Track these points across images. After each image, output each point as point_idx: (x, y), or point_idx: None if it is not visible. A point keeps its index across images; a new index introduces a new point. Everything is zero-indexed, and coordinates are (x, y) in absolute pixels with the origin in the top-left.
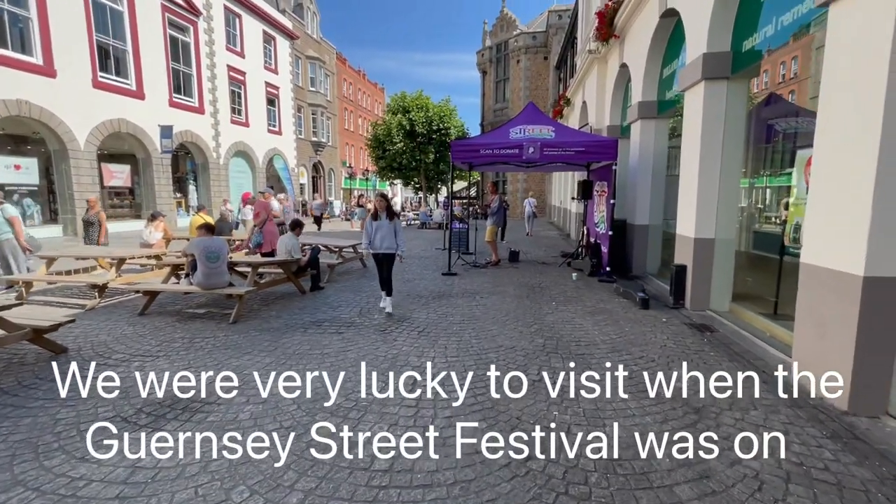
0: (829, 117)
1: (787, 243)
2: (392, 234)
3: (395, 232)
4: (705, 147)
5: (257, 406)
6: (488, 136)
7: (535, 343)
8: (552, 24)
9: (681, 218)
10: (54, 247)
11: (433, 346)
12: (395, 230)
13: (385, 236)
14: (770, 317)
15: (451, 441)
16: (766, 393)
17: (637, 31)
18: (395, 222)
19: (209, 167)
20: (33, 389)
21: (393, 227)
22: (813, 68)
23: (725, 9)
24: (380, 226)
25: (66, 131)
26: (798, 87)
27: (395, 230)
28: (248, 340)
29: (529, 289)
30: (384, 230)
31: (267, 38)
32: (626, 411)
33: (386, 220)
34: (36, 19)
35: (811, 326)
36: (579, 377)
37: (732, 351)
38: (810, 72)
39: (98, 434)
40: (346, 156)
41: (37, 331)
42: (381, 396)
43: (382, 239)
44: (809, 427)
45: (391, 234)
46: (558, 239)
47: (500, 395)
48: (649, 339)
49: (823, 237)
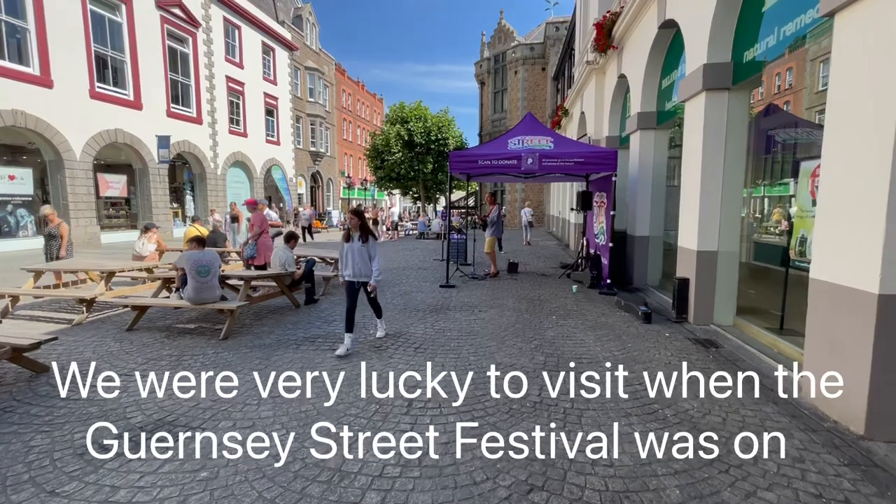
0: (839, 128)
1: (793, 256)
2: (365, 258)
3: (370, 256)
4: (707, 158)
5: (244, 431)
6: (486, 146)
7: (535, 360)
8: (550, 36)
9: (682, 230)
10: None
11: (429, 364)
12: (370, 254)
13: (357, 261)
14: (776, 332)
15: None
16: (777, 415)
17: (636, 42)
18: (370, 244)
19: (206, 177)
20: (9, 413)
21: (367, 251)
22: (817, 78)
23: (726, 19)
24: (351, 249)
25: (61, 141)
26: (797, 98)
27: (370, 254)
28: (238, 358)
29: (529, 302)
30: (356, 254)
31: (266, 50)
32: (631, 436)
33: (358, 242)
34: (34, 30)
35: (823, 345)
36: (579, 397)
37: (739, 368)
38: (816, 82)
39: (72, 463)
40: (345, 166)
41: (17, 350)
42: (376, 420)
43: (354, 264)
44: (825, 454)
45: (364, 259)
46: (557, 249)
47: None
48: (653, 356)
49: (834, 252)
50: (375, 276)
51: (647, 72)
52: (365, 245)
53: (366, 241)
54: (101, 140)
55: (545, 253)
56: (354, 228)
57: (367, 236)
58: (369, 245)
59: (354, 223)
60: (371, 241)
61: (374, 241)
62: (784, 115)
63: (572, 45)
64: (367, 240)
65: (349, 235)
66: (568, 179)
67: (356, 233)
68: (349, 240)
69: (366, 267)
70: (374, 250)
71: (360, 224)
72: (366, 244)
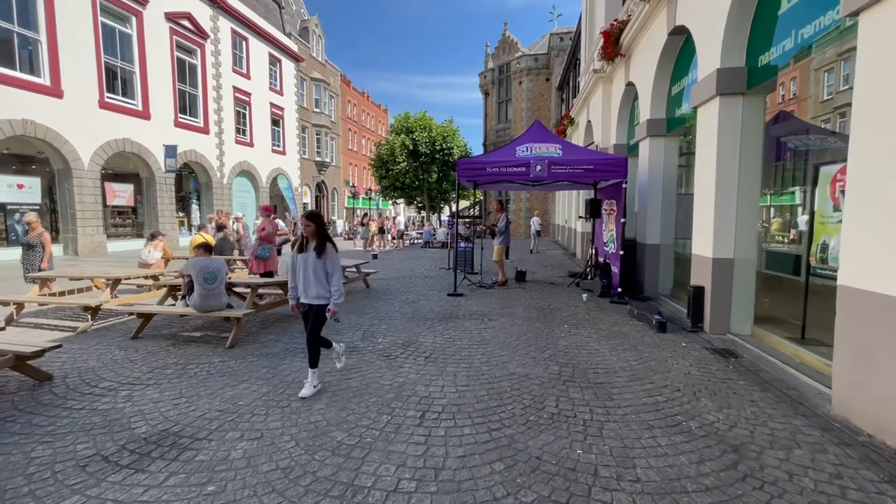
0: (866, 129)
1: (814, 264)
2: (321, 274)
3: (328, 272)
4: (721, 164)
5: (252, 443)
6: (495, 154)
7: (549, 370)
8: (554, 47)
9: (697, 237)
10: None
11: (441, 373)
12: (328, 269)
13: (311, 279)
14: (797, 341)
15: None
16: (807, 428)
17: (644, 50)
18: (327, 256)
19: (212, 186)
20: (10, 423)
21: (323, 266)
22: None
23: (739, 23)
24: (304, 262)
25: (70, 151)
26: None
27: (328, 269)
28: (244, 367)
29: (539, 311)
30: (310, 269)
31: (273, 61)
32: (656, 449)
33: (313, 254)
34: (45, 41)
35: (853, 355)
36: (598, 408)
37: (762, 379)
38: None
39: (74, 475)
40: (350, 175)
41: (20, 357)
42: (388, 431)
43: (307, 282)
44: (863, 469)
45: (320, 276)
46: (564, 258)
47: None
48: (671, 366)
49: (864, 257)
50: (335, 299)
51: (656, 79)
52: (322, 258)
53: (322, 252)
54: (110, 149)
55: (552, 262)
56: (310, 236)
57: (323, 246)
58: (327, 257)
59: (310, 230)
60: (329, 253)
61: (333, 251)
62: (796, 121)
63: (577, 54)
64: (325, 251)
65: (303, 245)
66: (575, 187)
67: (312, 242)
68: (302, 250)
69: (321, 286)
70: (334, 264)
71: (316, 231)
72: (322, 256)
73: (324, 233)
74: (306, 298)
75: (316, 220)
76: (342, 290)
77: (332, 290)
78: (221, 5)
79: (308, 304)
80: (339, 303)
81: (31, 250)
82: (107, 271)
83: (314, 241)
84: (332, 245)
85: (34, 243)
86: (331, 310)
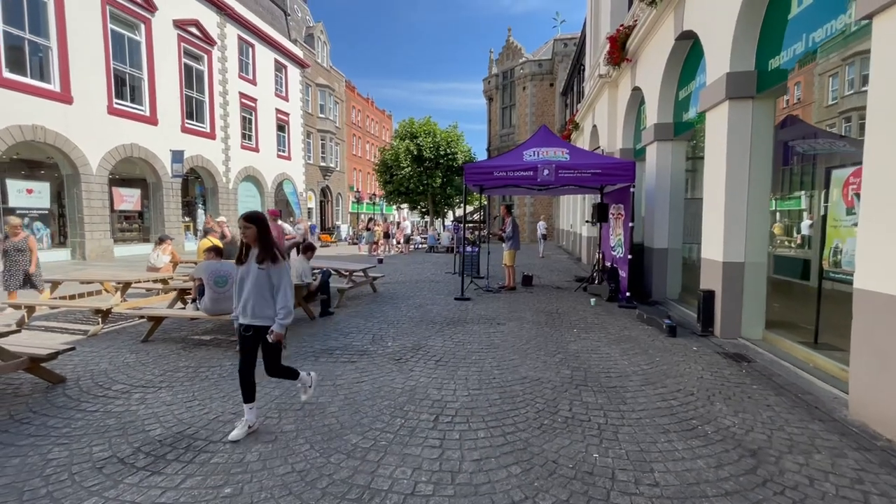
0: (883, 131)
1: (827, 267)
2: (264, 289)
3: (274, 286)
4: (731, 168)
5: (266, 445)
6: (501, 158)
7: (561, 374)
8: (558, 52)
9: (707, 241)
10: (63, 271)
11: (453, 377)
12: (274, 282)
13: (252, 295)
14: (810, 346)
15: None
16: (825, 433)
17: (651, 55)
18: (272, 268)
19: (218, 191)
20: (26, 425)
21: (267, 278)
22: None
23: (748, 27)
24: (246, 275)
25: (79, 156)
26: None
27: (274, 282)
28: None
29: (548, 315)
30: (252, 283)
31: (278, 67)
32: (673, 453)
33: (254, 265)
34: (55, 48)
35: (870, 359)
36: (612, 412)
37: (776, 383)
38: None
39: (91, 477)
40: (354, 180)
41: (34, 359)
42: (402, 434)
43: (247, 299)
44: (885, 474)
45: (262, 291)
46: (569, 262)
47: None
48: (683, 371)
49: (882, 260)
50: (280, 319)
51: (663, 83)
52: (265, 269)
53: (265, 261)
54: (118, 154)
55: (558, 266)
56: (251, 242)
57: (268, 255)
58: (274, 270)
59: (250, 234)
60: (279, 262)
61: (281, 261)
62: (804, 125)
63: (582, 60)
64: (273, 260)
65: (242, 255)
66: (581, 191)
67: (254, 249)
68: (242, 261)
69: (264, 303)
70: (282, 277)
71: (257, 236)
72: (266, 267)
73: (267, 239)
74: (245, 318)
75: (257, 222)
76: (290, 308)
77: (278, 308)
78: (229, 12)
79: (247, 326)
80: (284, 324)
81: (19, 254)
82: (117, 275)
83: (256, 248)
84: (278, 253)
85: (21, 247)
86: (273, 331)
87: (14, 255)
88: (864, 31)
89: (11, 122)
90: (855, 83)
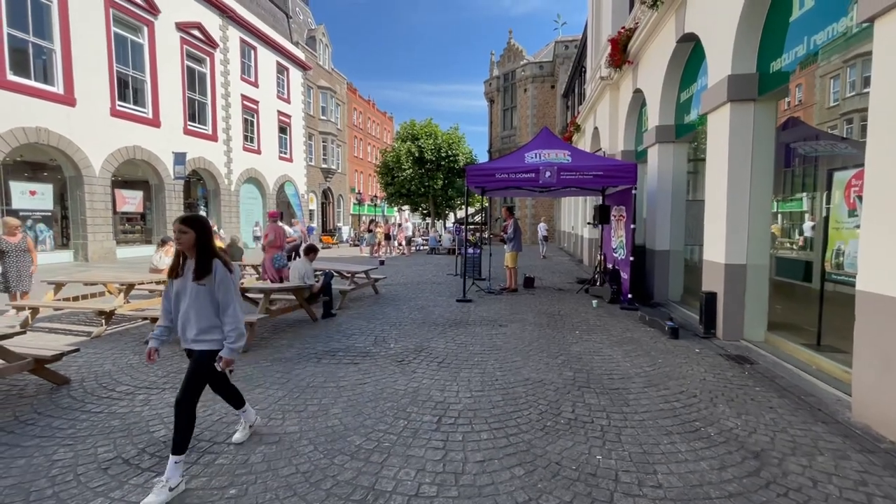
0: (886, 133)
1: (829, 269)
2: (208, 308)
3: (221, 302)
4: (733, 170)
5: (271, 447)
6: (503, 160)
7: (564, 376)
8: (559, 54)
9: (709, 243)
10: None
11: (455, 379)
12: (219, 298)
13: (191, 313)
14: (813, 348)
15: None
16: (828, 435)
17: (652, 57)
18: (215, 280)
19: (220, 193)
20: (31, 426)
21: (209, 295)
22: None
23: (750, 30)
24: (183, 291)
25: (82, 158)
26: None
27: (219, 298)
28: (259, 371)
29: (549, 317)
30: (190, 299)
31: (280, 69)
32: (676, 455)
33: (190, 281)
34: (59, 51)
35: (874, 361)
36: (615, 413)
37: (779, 385)
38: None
39: (97, 478)
40: (356, 182)
41: (39, 361)
42: (406, 436)
43: (186, 318)
44: (889, 476)
45: (203, 308)
46: (571, 264)
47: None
48: (686, 372)
49: (885, 262)
50: (231, 343)
51: (664, 86)
52: (205, 284)
53: (205, 273)
54: (120, 157)
55: (559, 268)
56: (188, 251)
57: (207, 265)
58: (214, 281)
59: (186, 241)
60: (219, 274)
61: (224, 271)
62: (805, 127)
63: (583, 62)
64: (210, 271)
65: (178, 266)
66: (583, 193)
67: (191, 259)
68: (177, 274)
69: (208, 322)
70: (227, 290)
71: (195, 244)
72: (206, 280)
73: (208, 247)
74: (185, 342)
75: (195, 226)
76: (241, 328)
77: (226, 328)
78: (231, 15)
79: (188, 350)
80: (235, 347)
81: (23, 256)
82: (120, 277)
83: (193, 258)
84: (221, 262)
85: (25, 248)
86: (222, 357)
87: (19, 256)
88: (865, 33)
89: (15, 124)
90: (856, 85)
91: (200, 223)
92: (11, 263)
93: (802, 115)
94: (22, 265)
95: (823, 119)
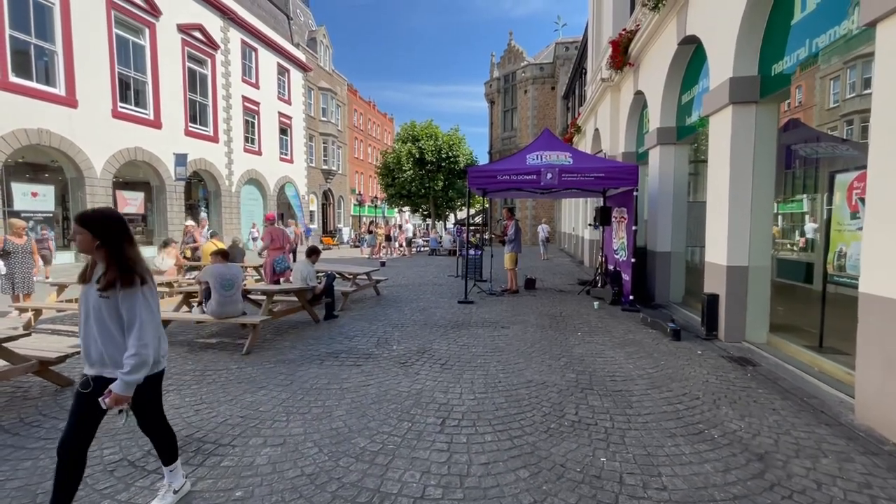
0: (888, 135)
1: (831, 271)
2: (112, 326)
3: (126, 319)
4: (735, 172)
5: (276, 449)
6: (505, 161)
7: (566, 378)
8: (559, 56)
9: (710, 245)
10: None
11: (458, 381)
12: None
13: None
14: (815, 349)
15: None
16: (832, 437)
17: (653, 59)
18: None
19: (221, 194)
20: (36, 428)
21: (114, 309)
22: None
23: (751, 33)
24: (86, 299)
25: (84, 159)
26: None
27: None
28: (262, 373)
29: (551, 318)
30: (93, 314)
31: (281, 71)
32: (680, 457)
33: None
34: (61, 52)
35: (877, 363)
36: (618, 415)
37: (782, 387)
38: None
39: (103, 480)
40: (356, 183)
41: (43, 363)
42: (410, 438)
43: (88, 337)
44: (892, 479)
45: (110, 329)
46: (572, 266)
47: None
48: (688, 374)
49: (889, 263)
50: (125, 374)
51: (665, 88)
52: (110, 297)
53: (111, 286)
54: (122, 158)
55: (560, 269)
56: (98, 259)
57: (115, 276)
58: (121, 294)
59: (81, 244)
60: (133, 287)
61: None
62: (806, 129)
63: (583, 63)
64: (116, 283)
65: (86, 269)
66: (584, 195)
67: (100, 269)
68: (86, 280)
69: (113, 346)
70: (133, 307)
71: (94, 246)
72: (110, 294)
73: (122, 255)
74: (88, 367)
75: (90, 225)
76: (146, 355)
77: (127, 354)
78: (232, 17)
79: (88, 378)
80: (129, 380)
81: (28, 257)
82: None
83: (103, 268)
84: (131, 273)
85: (30, 249)
86: (110, 391)
87: (24, 258)
88: (865, 34)
89: (17, 125)
90: (856, 86)
91: (101, 221)
92: (17, 265)
93: (802, 116)
94: (27, 267)
95: (823, 120)
